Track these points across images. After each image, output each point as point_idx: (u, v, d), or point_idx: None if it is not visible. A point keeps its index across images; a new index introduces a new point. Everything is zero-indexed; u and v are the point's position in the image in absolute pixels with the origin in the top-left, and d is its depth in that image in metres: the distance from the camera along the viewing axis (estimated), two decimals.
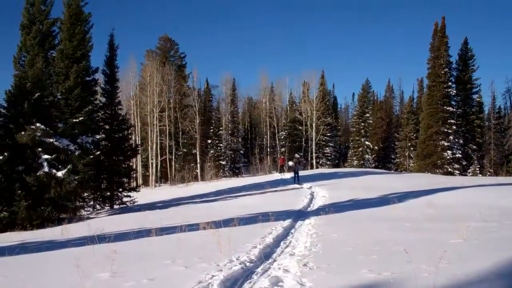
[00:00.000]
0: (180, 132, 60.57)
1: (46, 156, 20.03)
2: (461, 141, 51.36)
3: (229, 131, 67.46)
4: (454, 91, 52.32)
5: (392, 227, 11.04)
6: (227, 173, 61.63)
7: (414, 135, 61.78)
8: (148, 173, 56.61)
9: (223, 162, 61.97)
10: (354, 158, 68.49)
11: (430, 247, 7.83)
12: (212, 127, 63.76)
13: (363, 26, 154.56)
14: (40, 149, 20.12)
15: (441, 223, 11.27)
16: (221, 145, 62.94)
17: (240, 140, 71.48)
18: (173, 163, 58.46)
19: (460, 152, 50.33)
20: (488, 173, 51.62)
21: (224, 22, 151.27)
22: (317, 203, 19.04)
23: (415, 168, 54.13)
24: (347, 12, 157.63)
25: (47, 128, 20.26)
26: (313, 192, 24.10)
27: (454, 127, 50.20)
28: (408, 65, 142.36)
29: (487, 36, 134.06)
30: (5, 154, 19.34)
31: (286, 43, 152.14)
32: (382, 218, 12.96)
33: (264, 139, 71.86)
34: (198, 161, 57.90)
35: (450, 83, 51.72)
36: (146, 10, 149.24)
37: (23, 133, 19.56)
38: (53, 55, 26.52)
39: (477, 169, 50.51)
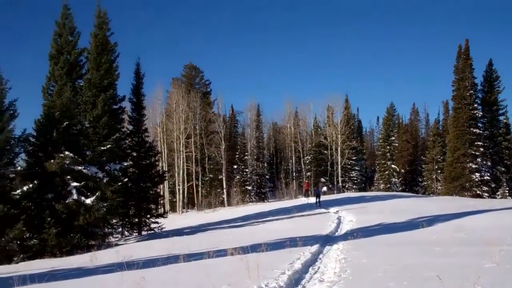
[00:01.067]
0: (206, 158, 60.89)
1: (75, 184, 20.30)
2: (489, 163, 50.57)
3: (255, 156, 67.44)
4: (480, 113, 51.64)
5: (422, 252, 10.89)
6: (253, 198, 61.47)
7: (441, 157, 61.06)
8: (175, 199, 56.83)
9: (249, 187, 61.87)
10: (381, 181, 67.85)
11: (463, 272, 7.70)
12: (237, 153, 63.95)
13: (386, 49, 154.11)
14: (69, 176, 20.41)
15: (472, 247, 11.09)
16: (246, 170, 62.94)
17: (265, 165, 71.35)
18: (199, 189, 58.67)
19: (488, 174, 49.55)
20: None
21: (248, 49, 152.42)
22: (344, 228, 18.91)
23: (443, 191, 53.46)
24: (370, 35, 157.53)
25: (76, 156, 20.56)
26: (340, 217, 23.96)
27: (481, 149, 49.49)
28: (433, 88, 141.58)
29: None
30: (35, 182, 19.66)
31: (310, 67, 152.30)
32: (411, 243, 12.81)
33: (290, 164, 71.62)
34: (225, 186, 57.98)
35: (475, 105, 51.21)
36: (172, 38, 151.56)
37: (52, 161, 19.88)
38: (81, 84, 26.92)
39: (506, 191, 49.59)
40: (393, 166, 67.23)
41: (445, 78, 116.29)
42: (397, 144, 69.99)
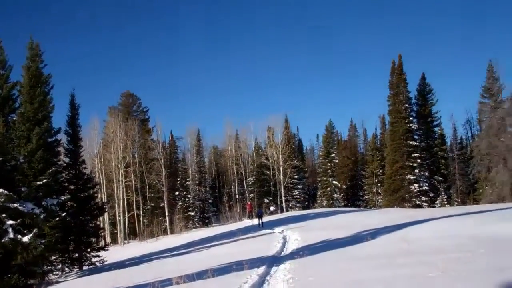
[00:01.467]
0: (147, 186, 59.77)
1: (10, 222, 19.41)
2: (427, 174, 52.02)
3: (196, 182, 66.99)
4: (416, 126, 53.26)
5: (369, 265, 10.95)
6: (196, 223, 60.85)
7: (380, 171, 62.49)
8: (116, 231, 55.55)
9: (192, 213, 61.25)
10: (323, 198, 68.55)
11: (410, 283, 7.75)
12: (179, 179, 63.33)
13: (320, 67, 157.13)
14: (4, 215, 19.53)
15: (417, 257, 11.24)
16: (189, 196, 62.42)
17: (208, 189, 71.01)
18: (141, 218, 57.43)
19: (426, 184, 50.93)
20: (456, 203, 52.26)
21: (185, 74, 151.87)
22: (290, 247, 18.85)
23: (384, 203, 54.56)
24: (306, 54, 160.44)
25: (11, 193, 19.73)
26: (285, 236, 23.90)
27: (418, 160, 50.93)
28: (369, 103, 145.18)
29: (444, 69, 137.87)
30: None
31: (248, 89, 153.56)
32: (357, 257, 12.88)
33: (232, 186, 71.64)
34: (167, 214, 57.03)
35: (411, 118, 52.77)
36: (107, 67, 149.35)
37: None
38: (14, 118, 26.10)
39: (445, 199, 51.04)
40: (334, 182, 68.18)
41: (380, 93, 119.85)
42: (337, 161, 71.19)
